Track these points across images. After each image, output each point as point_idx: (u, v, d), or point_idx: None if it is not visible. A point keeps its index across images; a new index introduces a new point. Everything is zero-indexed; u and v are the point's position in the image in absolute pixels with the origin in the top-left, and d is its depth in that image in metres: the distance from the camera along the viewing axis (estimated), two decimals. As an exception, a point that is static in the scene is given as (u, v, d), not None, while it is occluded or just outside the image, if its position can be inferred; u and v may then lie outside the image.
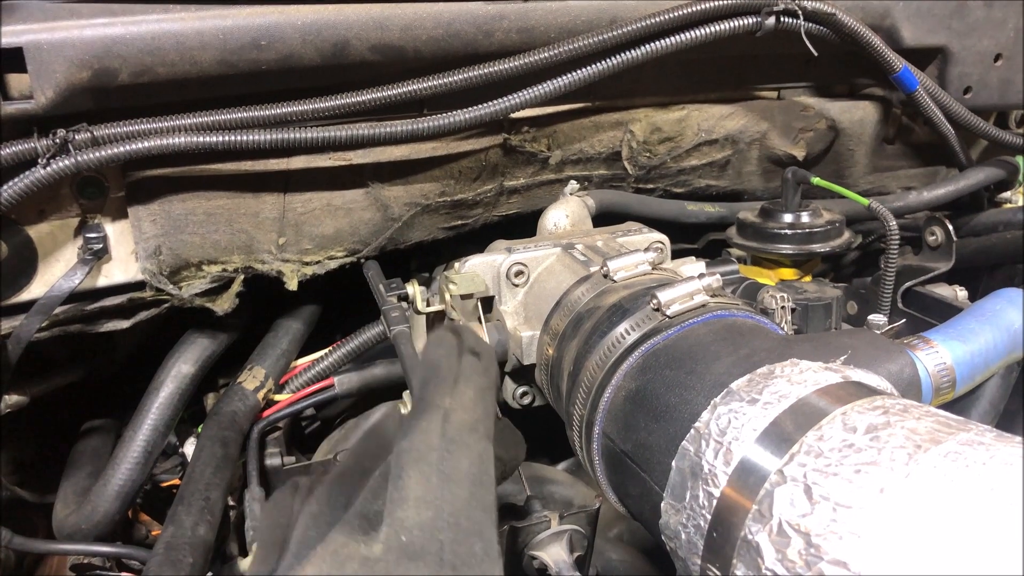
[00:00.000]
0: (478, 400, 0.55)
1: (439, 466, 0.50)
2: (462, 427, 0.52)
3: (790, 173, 1.18)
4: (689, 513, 0.59)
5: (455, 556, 0.47)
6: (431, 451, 0.51)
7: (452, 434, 0.52)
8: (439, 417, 0.53)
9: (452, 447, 0.51)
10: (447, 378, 0.56)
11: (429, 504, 0.48)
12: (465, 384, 0.56)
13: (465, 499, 0.49)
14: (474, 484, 0.50)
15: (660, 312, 0.75)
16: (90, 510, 0.99)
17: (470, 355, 0.58)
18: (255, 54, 0.90)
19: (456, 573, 0.46)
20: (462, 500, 0.49)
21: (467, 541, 0.48)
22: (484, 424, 0.54)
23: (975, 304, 0.93)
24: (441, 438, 0.51)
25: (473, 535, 0.48)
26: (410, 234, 1.13)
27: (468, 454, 0.51)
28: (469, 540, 0.48)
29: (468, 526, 0.48)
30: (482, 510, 0.50)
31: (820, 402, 0.58)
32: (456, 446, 0.51)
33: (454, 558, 0.47)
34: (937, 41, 1.26)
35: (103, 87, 0.86)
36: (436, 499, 0.49)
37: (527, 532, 0.63)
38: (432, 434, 0.51)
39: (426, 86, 0.97)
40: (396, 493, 0.49)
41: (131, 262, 0.99)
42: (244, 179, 0.99)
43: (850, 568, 0.47)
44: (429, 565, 0.46)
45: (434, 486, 0.49)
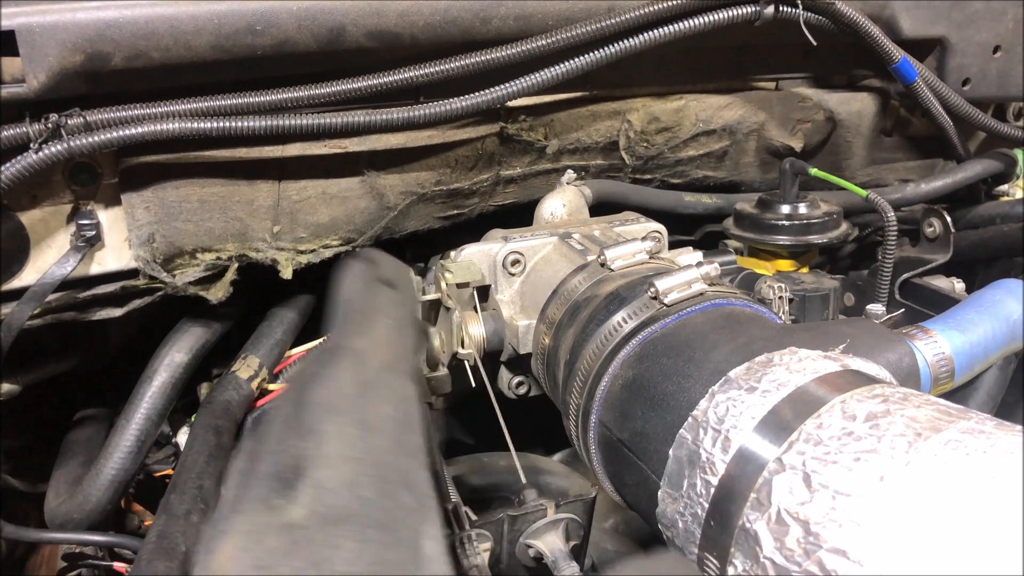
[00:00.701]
0: (395, 336, 0.50)
1: (357, 415, 0.46)
2: (379, 369, 0.48)
3: (788, 164, 1.17)
4: (687, 502, 0.59)
5: (384, 513, 0.43)
6: (346, 399, 0.47)
7: (368, 378, 0.48)
8: (353, 361, 0.49)
9: (369, 392, 0.47)
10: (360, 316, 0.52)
11: (349, 459, 0.44)
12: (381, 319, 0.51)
13: (389, 448, 0.46)
14: (398, 429, 0.46)
15: (658, 300, 0.74)
16: (82, 499, 0.99)
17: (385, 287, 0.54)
18: (250, 39, 0.89)
19: (383, 531, 0.42)
20: (385, 449, 0.45)
21: (395, 494, 0.44)
22: (404, 362, 0.50)
23: (974, 294, 0.93)
24: (356, 384, 0.47)
25: (401, 486, 0.44)
26: (406, 223, 1.12)
27: (388, 397, 0.47)
28: (396, 492, 0.44)
29: (395, 477, 0.45)
30: (409, 456, 0.46)
31: (819, 390, 0.58)
32: (374, 390, 0.48)
33: (383, 515, 0.43)
34: (936, 32, 1.25)
35: (96, 71, 0.85)
36: (357, 452, 0.45)
37: (523, 521, 0.63)
38: (346, 381, 0.48)
39: (422, 73, 0.96)
40: (314, 450, 0.45)
41: (124, 249, 0.98)
42: (239, 166, 0.98)
43: (849, 556, 0.47)
44: (354, 526, 0.42)
45: (353, 438, 0.45)
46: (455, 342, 0.90)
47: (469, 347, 0.89)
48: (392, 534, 0.42)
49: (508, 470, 0.99)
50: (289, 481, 0.44)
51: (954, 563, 0.44)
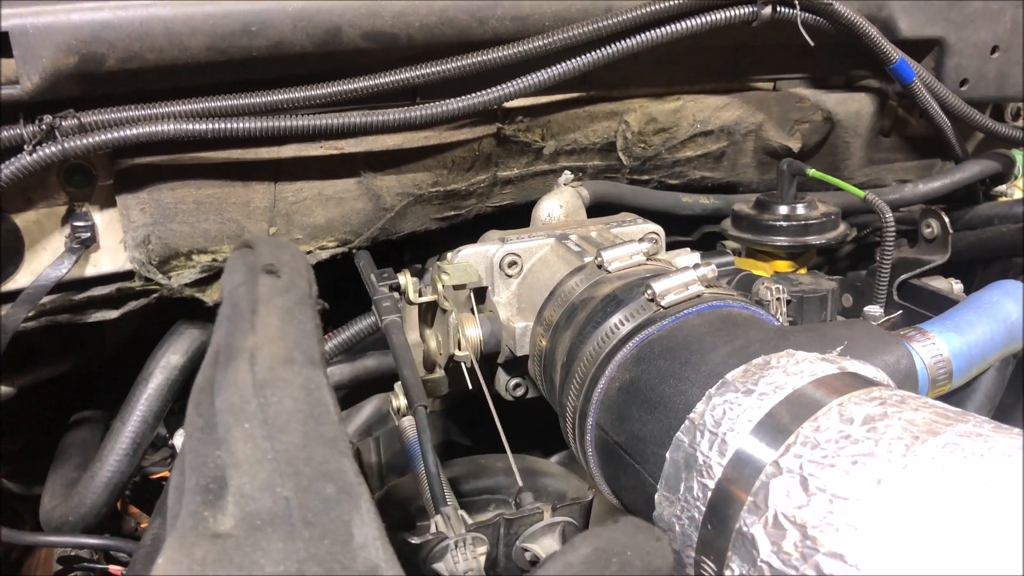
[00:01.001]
0: (285, 326, 0.49)
1: (260, 416, 0.45)
2: (274, 363, 0.47)
3: (785, 165, 1.17)
4: (683, 505, 0.59)
5: (304, 507, 0.43)
6: (246, 403, 0.46)
7: (263, 376, 0.47)
8: (246, 361, 0.48)
9: (267, 390, 0.46)
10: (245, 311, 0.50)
11: (262, 461, 0.44)
12: (266, 311, 0.50)
13: (299, 443, 0.45)
14: (305, 422, 0.46)
15: (655, 302, 0.74)
16: (77, 502, 0.98)
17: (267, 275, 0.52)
18: (245, 40, 0.89)
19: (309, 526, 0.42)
20: (295, 445, 0.45)
21: (314, 487, 0.43)
22: (300, 350, 0.49)
23: (972, 296, 0.93)
24: (253, 385, 0.46)
25: (320, 478, 0.44)
26: (402, 225, 1.12)
27: (288, 391, 0.46)
28: (316, 485, 0.43)
29: (311, 470, 0.44)
30: (324, 446, 0.45)
31: (816, 393, 0.57)
32: (271, 387, 0.47)
33: (305, 512, 0.42)
34: (934, 32, 1.25)
35: (90, 73, 0.84)
36: (267, 454, 0.44)
37: (519, 524, 0.62)
38: (243, 383, 0.47)
39: (419, 74, 0.96)
40: (228, 458, 0.45)
41: (120, 251, 0.98)
42: (234, 168, 0.98)
43: (847, 560, 0.47)
44: (279, 527, 0.42)
45: (261, 440, 0.45)
46: (452, 344, 0.89)
47: (466, 349, 0.88)
48: (318, 528, 0.42)
49: (505, 472, 0.99)
50: (215, 492, 0.43)
51: (952, 567, 0.43)
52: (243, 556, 0.41)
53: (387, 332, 0.84)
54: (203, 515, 0.43)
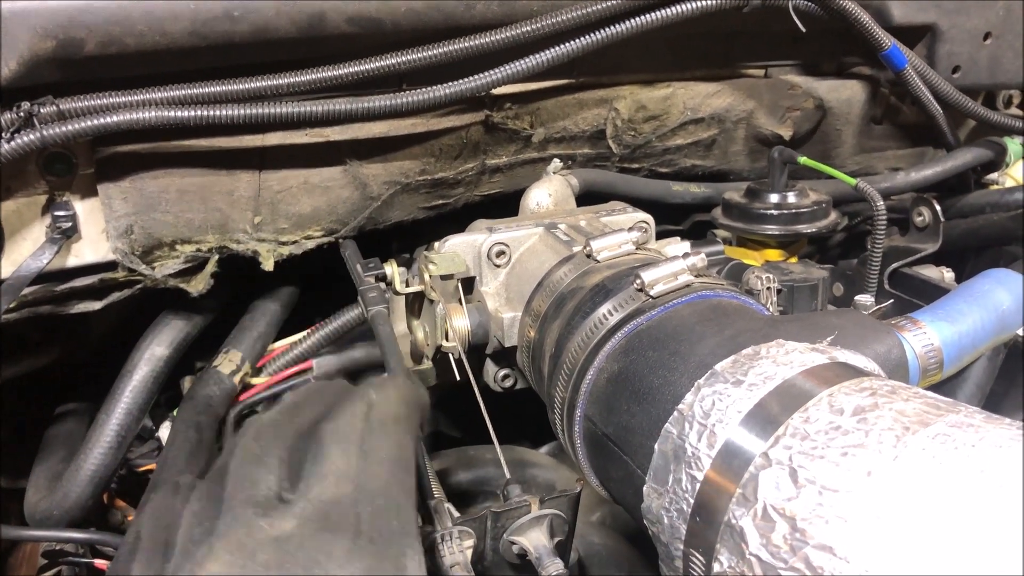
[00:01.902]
0: (403, 402, 0.56)
1: (361, 446, 0.50)
2: (386, 416, 0.53)
3: (777, 153, 1.16)
4: (672, 497, 0.58)
5: (372, 528, 0.46)
6: (354, 432, 0.51)
7: (376, 420, 0.52)
8: (365, 405, 0.53)
9: (375, 430, 0.52)
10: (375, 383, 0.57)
11: (349, 480, 0.48)
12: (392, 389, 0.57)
13: (385, 479, 0.49)
14: (395, 466, 0.50)
15: (644, 292, 0.73)
16: (62, 496, 0.97)
17: (404, 377, 0.61)
18: (228, 25, 0.87)
19: (372, 544, 0.45)
20: (382, 479, 0.49)
21: (385, 516, 0.47)
22: (407, 421, 0.55)
23: (963, 284, 0.92)
24: (365, 422, 0.52)
25: (391, 511, 0.48)
26: (390, 214, 1.10)
27: (390, 440, 0.52)
28: (387, 515, 0.47)
29: (386, 502, 0.48)
30: (401, 490, 0.50)
31: (806, 383, 0.57)
32: (379, 430, 0.52)
33: (371, 530, 0.46)
34: (926, 19, 1.24)
35: (69, 58, 0.83)
36: (356, 475, 0.49)
37: (506, 517, 0.62)
38: (356, 418, 0.52)
39: (405, 60, 0.94)
40: (315, 469, 0.49)
41: (102, 241, 0.96)
42: (218, 156, 0.96)
43: (836, 553, 0.46)
44: (346, 536, 0.45)
45: (354, 463, 0.49)
46: (439, 335, 0.88)
47: (453, 340, 0.87)
48: (381, 549, 0.45)
49: (494, 464, 0.98)
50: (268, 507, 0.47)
51: (943, 559, 0.43)
52: (307, 556, 0.44)
53: (373, 323, 0.83)
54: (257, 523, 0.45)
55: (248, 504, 0.47)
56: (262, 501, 0.47)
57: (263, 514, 0.46)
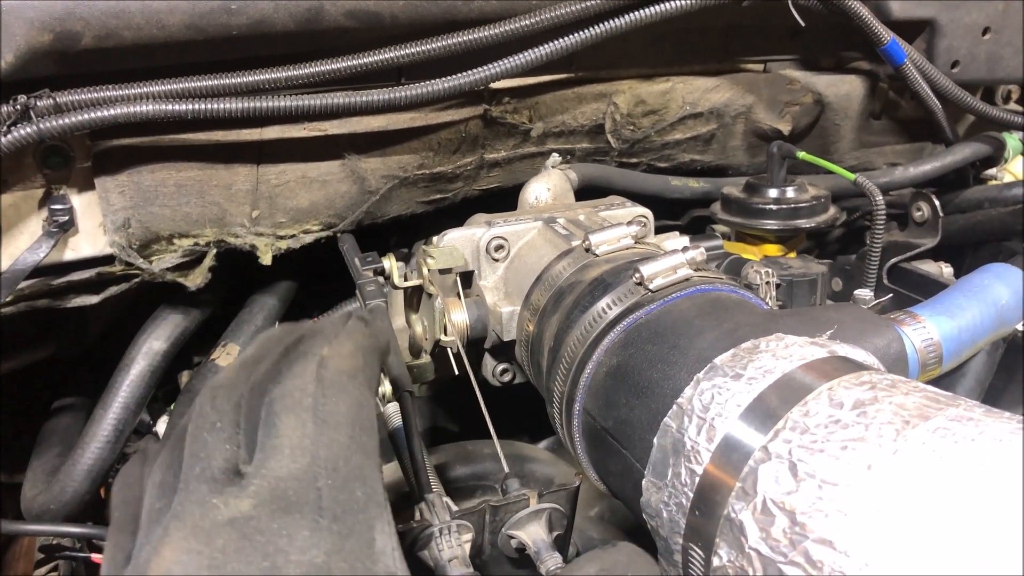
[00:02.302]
0: (358, 352, 0.52)
1: (315, 411, 0.47)
2: (339, 373, 0.49)
3: (775, 147, 1.16)
4: (671, 491, 0.58)
5: (335, 503, 0.44)
6: (306, 396, 0.48)
7: (329, 379, 0.49)
8: (315, 363, 0.50)
9: (329, 391, 0.48)
10: (327, 332, 0.53)
11: (304, 450, 0.45)
12: (346, 337, 0.52)
13: (344, 443, 0.46)
14: (354, 428, 0.47)
15: (643, 286, 0.73)
16: (59, 490, 0.97)
17: (357, 319, 0.56)
18: (225, 18, 0.87)
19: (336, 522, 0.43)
20: (341, 445, 0.46)
21: (347, 487, 0.45)
22: (364, 373, 0.51)
23: (962, 279, 0.92)
24: (317, 383, 0.48)
25: (354, 480, 0.45)
26: (388, 208, 1.10)
27: (346, 399, 0.48)
28: (350, 486, 0.45)
29: (348, 471, 0.45)
30: (363, 454, 0.47)
31: (806, 377, 0.57)
32: (333, 390, 0.48)
33: (334, 505, 0.44)
34: (925, 14, 1.24)
35: (66, 51, 0.82)
36: (312, 445, 0.46)
37: (505, 511, 0.61)
38: (307, 379, 0.49)
39: (403, 54, 0.94)
40: (269, 441, 0.46)
41: (99, 235, 0.96)
42: (216, 149, 0.96)
43: (836, 547, 0.46)
44: (307, 515, 0.43)
45: (310, 431, 0.46)
46: (438, 329, 0.88)
47: (452, 334, 0.87)
48: (346, 525, 0.42)
49: (492, 458, 0.98)
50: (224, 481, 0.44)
51: (942, 553, 0.42)
52: (267, 540, 0.41)
53: (371, 317, 0.83)
54: (211, 503, 0.43)
55: (202, 480, 0.44)
56: (218, 476, 0.44)
57: (218, 491, 0.44)
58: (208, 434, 0.46)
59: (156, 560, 0.40)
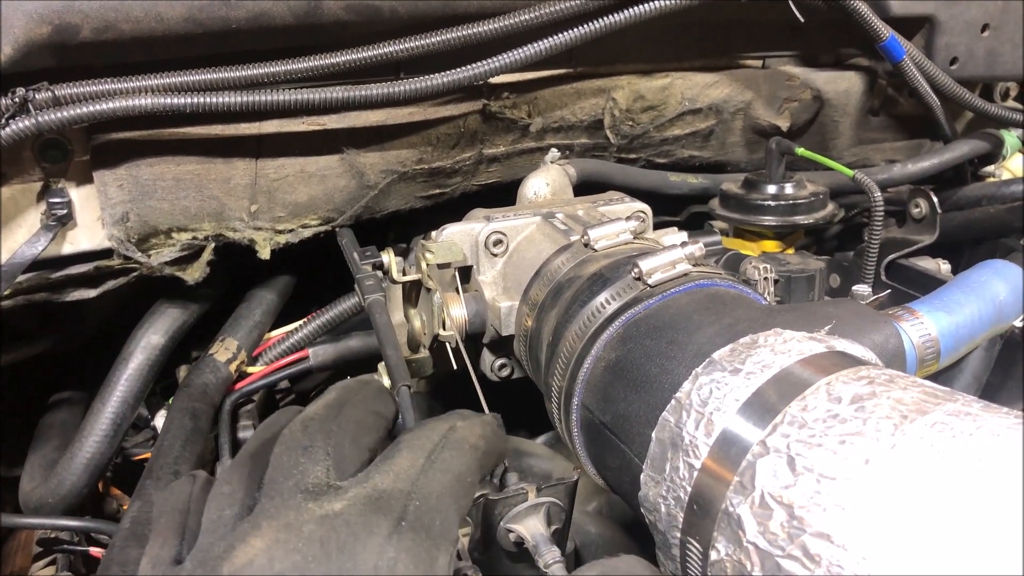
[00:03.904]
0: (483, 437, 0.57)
1: (430, 455, 0.52)
2: (464, 440, 0.55)
3: (774, 144, 1.16)
4: (669, 485, 0.58)
5: (417, 521, 0.48)
6: (428, 443, 0.53)
7: (453, 440, 0.54)
8: (447, 426, 0.56)
9: (448, 446, 0.54)
10: (464, 414, 0.59)
11: (409, 478, 0.50)
12: (480, 422, 0.58)
13: (442, 484, 0.51)
14: (455, 481, 0.52)
15: (641, 281, 0.73)
16: (56, 483, 0.97)
17: (493, 418, 0.62)
18: (224, 12, 0.87)
19: (413, 532, 0.47)
20: (439, 484, 0.51)
21: (432, 514, 0.49)
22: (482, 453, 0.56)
23: (960, 275, 0.92)
24: (442, 437, 0.54)
25: (438, 513, 0.49)
26: (386, 203, 1.10)
27: (460, 457, 0.54)
28: (433, 515, 0.49)
29: (437, 504, 0.50)
30: (453, 503, 0.51)
31: (804, 372, 0.57)
32: (452, 447, 0.54)
33: (415, 522, 0.48)
34: (924, 10, 1.24)
35: (64, 44, 0.82)
36: (417, 476, 0.50)
37: (503, 504, 0.61)
38: (436, 432, 0.55)
39: (402, 48, 0.94)
40: (382, 465, 0.51)
41: (97, 229, 0.96)
42: (214, 143, 0.96)
43: (834, 540, 0.46)
44: (391, 520, 0.47)
45: (419, 466, 0.51)
46: (436, 324, 0.88)
47: (450, 329, 0.87)
48: (420, 538, 0.47)
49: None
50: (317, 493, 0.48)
51: (940, 547, 0.43)
52: (349, 532, 0.45)
53: (370, 311, 0.83)
54: (306, 506, 0.47)
55: (296, 490, 0.49)
56: (311, 488, 0.49)
57: (312, 498, 0.48)
58: (301, 456, 0.51)
59: (243, 548, 0.44)
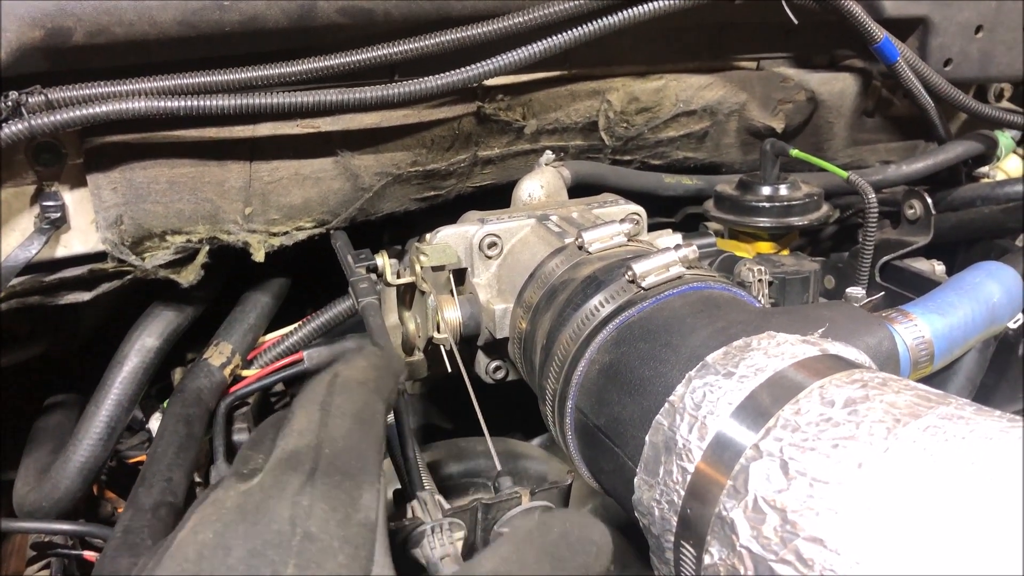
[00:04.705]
0: (369, 368, 0.57)
1: (322, 406, 0.52)
2: (349, 380, 0.55)
3: (768, 145, 1.16)
4: (663, 489, 0.58)
5: (331, 466, 0.48)
6: (317, 395, 0.53)
7: (339, 384, 0.54)
8: (330, 375, 0.55)
9: (337, 392, 0.53)
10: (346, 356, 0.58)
11: (311, 432, 0.50)
12: (358, 356, 0.58)
13: (347, 428, 0.51)
14: (357, 420, 0.52)
15: (635, 284, 0.73)
16: (51, 487, 0.97)
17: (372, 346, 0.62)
18: (218, 15, 0.86)
19: (328, 476, 0.47)
20: (343, 428, 0.51)
21: (343, 457, 0.49)
22: (374, 383, 0.56)
23: (954, 277, 0.92)
24: (328, 387, 0.54)
25: (351, 453, 0.50)
26: (381, 205, 1.10)
27: (351, 397, 0.53)
28: (346, 456, 0.49)
29: (345, 447, 0.50)
30: (364, 441, 0.51)
31: (797, 375, 0.57)
32: (342, 391, 0.54)
33: (330, 468, 0.48)
34: (918, 12, 1.24)
35: (57, 47, 0.82)
36: (317, 428, 0.51)
37: (497, 508, 0.62)
38: (321, 384, 0.54)
39: (397, 50, 0.94)
40: (284, 431, 0.51)
41: (91, 232, 0.95)
42: (208, 146, 0.96)
43: (827, 545, 0.46)
44: (304, 472, 0.47)
45: (315, 419, 0.51)
46: (430, 326, 0.88)
47: (445, 332, 0.87)
48: (337, 480, 0.47)
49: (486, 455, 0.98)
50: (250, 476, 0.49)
51: (933, 551, 0.43)
52: (266, 494, 0.46)
53: (364, 314, 0.83)
54: (233, 485, 0.48)
55: (233, 476, 0.50)
56: (246, 472, 0.50)
57: (242, 479, 0.49)
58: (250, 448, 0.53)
59: (180, 532, 0.46)
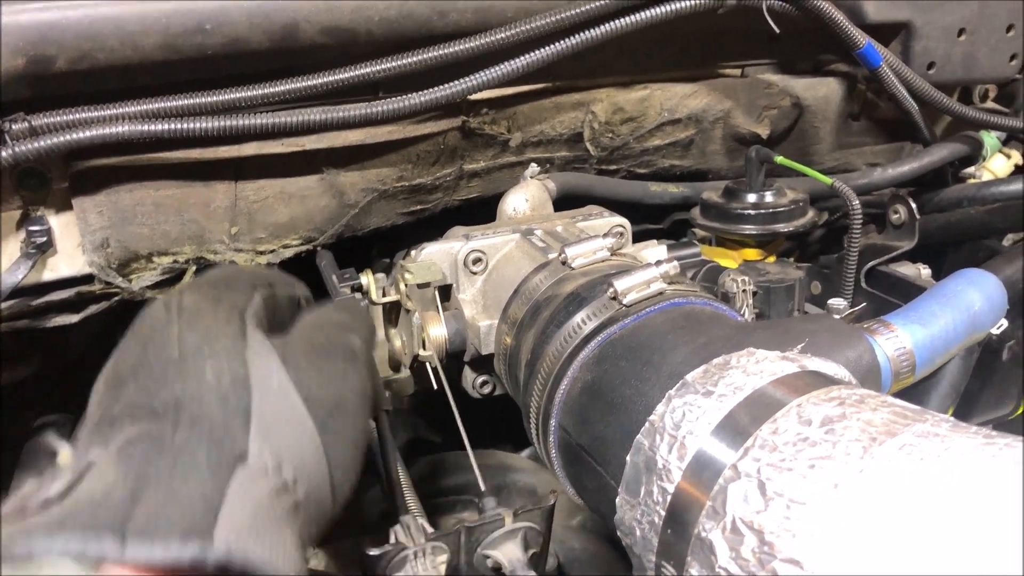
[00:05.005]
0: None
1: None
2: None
3: (754, 152, 1.16)
4: (644, 509, 0.58)
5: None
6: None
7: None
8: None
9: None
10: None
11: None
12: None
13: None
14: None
15: (617, 301, 0.74)
16: (43, 509, 0.97)
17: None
18: (200, 39, 0.87)
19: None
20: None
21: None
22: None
23: (936, 285, 0.93)
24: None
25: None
26: (368, 220, 1.10)
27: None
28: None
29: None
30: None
31: (776, 393, 0.57)
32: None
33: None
34: (901, 16, 1.24)
35: (40, 74, 0.82)
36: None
37: (480, 531, 0.62)
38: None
39: (380, 69, 0.94)
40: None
41: (78, 255, 0.96)
42: (193, 167, 0.96)
43: (804, 567, 0.47)
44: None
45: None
46: (416, 344, 0.89)
47: (430, 349, 0.88)
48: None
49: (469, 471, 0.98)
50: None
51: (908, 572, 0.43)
52: None
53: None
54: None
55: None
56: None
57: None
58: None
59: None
